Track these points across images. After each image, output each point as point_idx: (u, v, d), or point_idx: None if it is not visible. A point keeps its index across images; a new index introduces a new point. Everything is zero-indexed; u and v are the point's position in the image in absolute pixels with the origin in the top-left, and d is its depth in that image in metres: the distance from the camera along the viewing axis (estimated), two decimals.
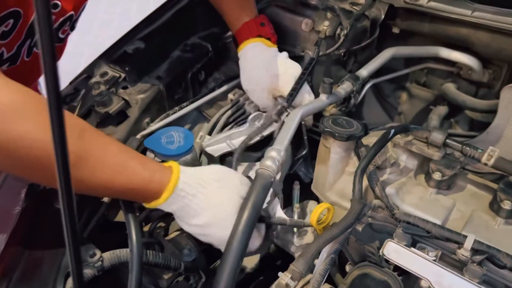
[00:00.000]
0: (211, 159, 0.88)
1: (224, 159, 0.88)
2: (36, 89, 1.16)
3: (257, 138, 0.90)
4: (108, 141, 0.64)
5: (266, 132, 0.90)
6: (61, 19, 0.85)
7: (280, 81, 0.92)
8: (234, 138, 0.87)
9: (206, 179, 0.68)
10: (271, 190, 0.75)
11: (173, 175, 0.65)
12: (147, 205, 0.67)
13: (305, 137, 0.93)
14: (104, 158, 0.60)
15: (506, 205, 0.70)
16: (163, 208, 0.67)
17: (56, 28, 0.86)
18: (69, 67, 0.90)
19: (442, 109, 1.17)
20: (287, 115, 0.88)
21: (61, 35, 0.88)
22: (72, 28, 0.91)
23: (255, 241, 0.72)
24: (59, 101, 0.33)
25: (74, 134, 0.57)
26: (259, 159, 0.87)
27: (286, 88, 0.91)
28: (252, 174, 0.83)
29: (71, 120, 0.61)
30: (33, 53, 0.86)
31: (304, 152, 0.93)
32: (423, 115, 1.25)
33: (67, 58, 0.93)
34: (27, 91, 0.56)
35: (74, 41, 0.93)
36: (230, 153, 0.87)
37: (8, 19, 0.74)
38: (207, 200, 0.67)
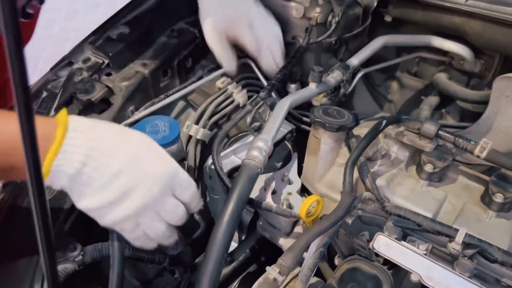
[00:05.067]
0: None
1: (232, 175, 0.84)
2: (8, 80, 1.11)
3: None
4: None
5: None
6: None
7: (239, 24, 0.83)
8: (240, 152, 0.84)
9: (106, 136, 0.56)
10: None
11: (59, 128, 0.52)
12: None
13: (289, 143, 0.89)
14: None
15: (497, 198, 0.69)
16: (53, 183, 0.53)
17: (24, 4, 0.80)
18: (54, 53, 0.86)
19: (433, 100, 1.16)
20: (261, 105, 0.86)
21: (29, 10, 0.82)
22: (41, 1, 0.85)
23: None
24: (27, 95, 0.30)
25: None
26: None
27: (244, 34, 0.82)
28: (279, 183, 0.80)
29: None
30: None
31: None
32: (413, 105, 1.24)
33: (52, 44, 0.89)
34: None
35: (60, 26, 0.88)
36: (238, 168, 0.84)
37: None
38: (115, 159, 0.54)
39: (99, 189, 0.54)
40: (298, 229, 0.77)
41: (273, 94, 0.93)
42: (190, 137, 0.93)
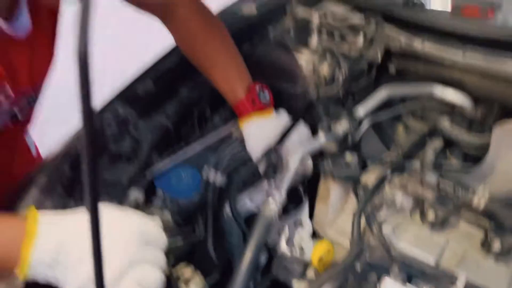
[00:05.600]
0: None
1: (248, 220, 0.91)
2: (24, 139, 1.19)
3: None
4: None
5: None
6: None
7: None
8: (255, 197, 0.91)
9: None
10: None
11: (29, 223, 0.58)
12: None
13: (302, 189, 0.96)
14: None
15: (496, 245, 0.75)
16: (36, 277, 0.58)
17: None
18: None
19: (437, 143, 1.22)
20: (275, 154, 0.91)
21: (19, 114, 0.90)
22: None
23: None
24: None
25: None
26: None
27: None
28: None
29: None
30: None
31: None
32: (419, 146, 1.30)
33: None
34: None
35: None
36: (253, 213, 0.90)
37: None
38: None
39: (77, 266, 0.57)
40: (310, 272, 0.83)
41: None
42: (208, 183, 1.01)
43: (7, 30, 0.76)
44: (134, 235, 0.62)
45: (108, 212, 0.64)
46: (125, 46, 3.29)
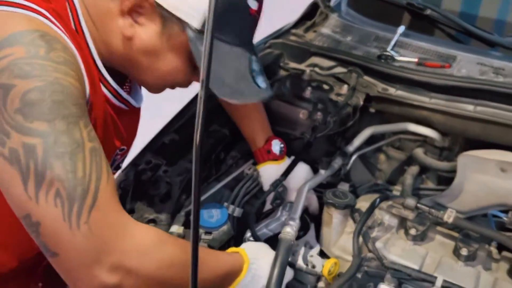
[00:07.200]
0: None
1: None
2: None
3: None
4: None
5: None
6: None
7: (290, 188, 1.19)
8: (271, 226, 1.11)
9: (260, 252, 0.92)
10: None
11: (244, 256, 0.89)
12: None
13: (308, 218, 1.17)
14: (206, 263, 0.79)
15: (463, 251, 0.96)
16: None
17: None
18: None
19: (414, 169, 1.44)
20: (280, 184, 1.14)
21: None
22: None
23: None
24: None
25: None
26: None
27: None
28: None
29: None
30: None
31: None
32: (399, 172, 1.52)
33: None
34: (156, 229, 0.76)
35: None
36: (271, 238, 1.10)
37: None
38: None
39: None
40: (321, 283, 1.02)
41: None
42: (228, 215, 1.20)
43: (133, 103, 0.95)
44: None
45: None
46: None
